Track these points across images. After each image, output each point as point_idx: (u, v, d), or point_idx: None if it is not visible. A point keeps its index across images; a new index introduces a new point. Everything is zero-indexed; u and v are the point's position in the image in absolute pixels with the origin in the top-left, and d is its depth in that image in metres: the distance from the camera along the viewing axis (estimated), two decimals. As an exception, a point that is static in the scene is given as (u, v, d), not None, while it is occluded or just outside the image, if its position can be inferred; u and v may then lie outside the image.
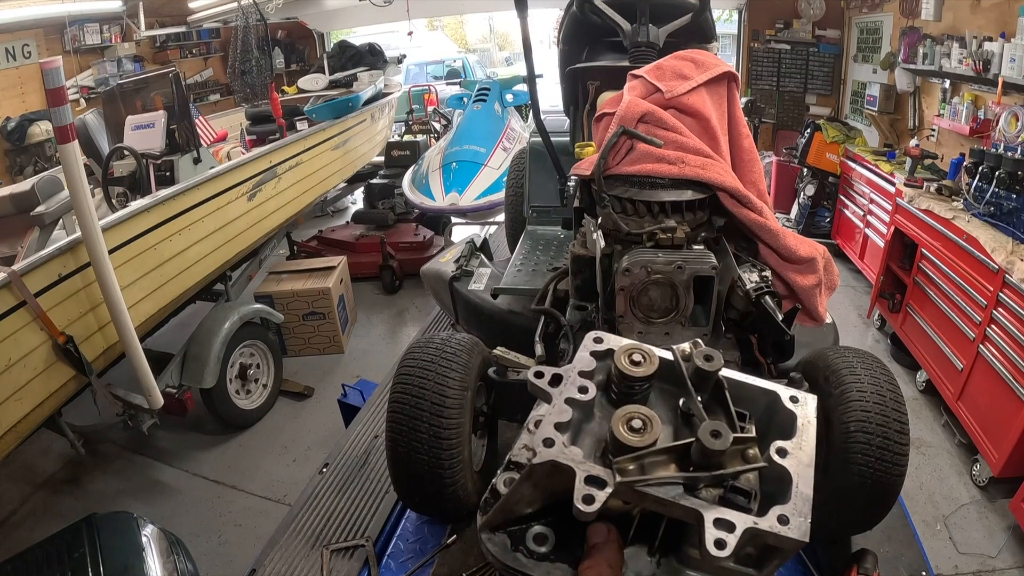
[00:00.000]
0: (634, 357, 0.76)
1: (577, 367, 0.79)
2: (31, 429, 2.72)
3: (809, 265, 1.54)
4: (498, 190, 5.09)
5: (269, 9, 5.89)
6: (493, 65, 19.76)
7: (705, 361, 0.75)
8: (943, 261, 3.57)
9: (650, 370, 0.76)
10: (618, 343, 0.81)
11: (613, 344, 0.80)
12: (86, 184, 2.52)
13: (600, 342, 0.81)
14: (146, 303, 3.18)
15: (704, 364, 0.75)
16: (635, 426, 0.69)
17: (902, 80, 5.14)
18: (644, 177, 1.45)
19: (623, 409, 0.71)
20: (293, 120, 5.50)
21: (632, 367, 0.76)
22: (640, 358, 0.76)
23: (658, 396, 0.80)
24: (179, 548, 1.87)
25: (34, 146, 5.56)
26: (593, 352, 0.80)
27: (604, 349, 0.80)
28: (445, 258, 2.65)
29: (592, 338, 0.82)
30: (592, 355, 0.80)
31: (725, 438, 0.66)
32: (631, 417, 0.70)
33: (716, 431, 0.66)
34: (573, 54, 2.14)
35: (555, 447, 0.69)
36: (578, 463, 0.68)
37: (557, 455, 0.68)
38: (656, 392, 0.80)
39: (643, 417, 0.69)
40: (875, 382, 1.35)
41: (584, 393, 0.76)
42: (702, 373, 0.75)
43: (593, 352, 0.80)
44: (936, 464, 3.29)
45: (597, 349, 0.81)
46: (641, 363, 0.76)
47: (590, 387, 0.76)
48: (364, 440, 2.11)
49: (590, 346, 0.81)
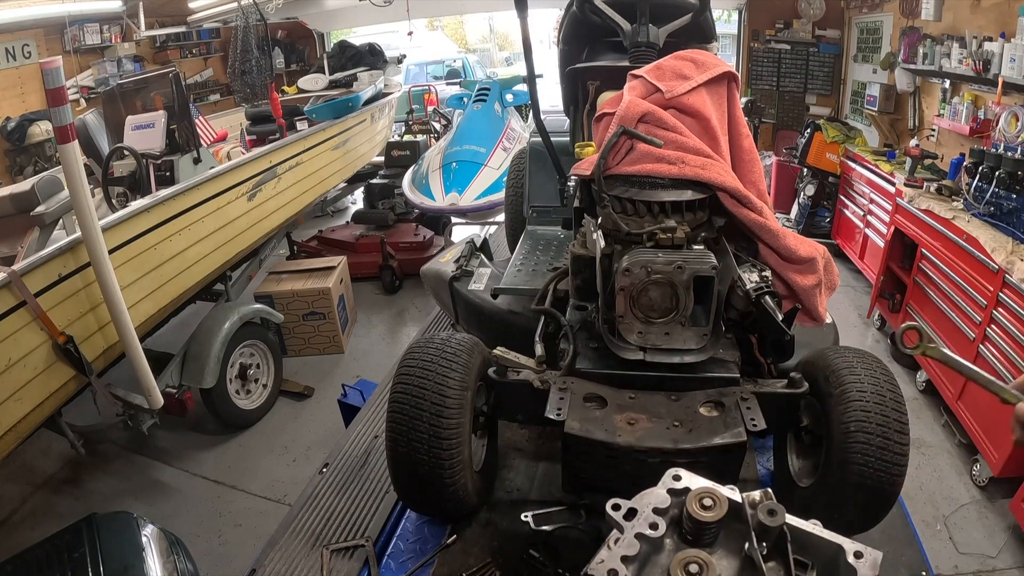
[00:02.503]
0: (704, 501, 0.82)
1: (653, 503, 0.85)
2: (31, 429, 2.72)
3: (809, 265, 1.55)
4: (498, 190, 5.08)
5: (269, 9, 5.89)
6: (493, 65, 19.75)
7: (768, 516, 0.80)
8: (943, 261, 3.57)
9: (719, 515, 0.81)
10: (696, 483, 0.87)
11: (690, 484, 0.87)
12: (86, 184, 2.52)
13: (678, 479, 0.88)
14: (146, 303, 3.18)
15: (766, 519, 0.80)
16: (691, 571, 0.75)
17: (902, 80, 5.14)
18: (644, 177, 1.46)
19: (683, 553, 0.78)
20: (293, 120, 5.50)
21: (702, 511, 0.82)
22: (710, 502, 0.82)
23: (728, 535, 0.85)
24: (179, 548, 1.87)
25: (34, 146, 5.55)
26: (670, 489, 0.87)
27: (681, 488, 0.87)
28: (445, 258, 2.65)
29: (671, 475, 0.88)
30: (668, 492, 0.86)
31: None
32: (689, 561, 0.76)
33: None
34: (573, 54, 2.14)
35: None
36: None
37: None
38: (727, 531, 0.85)
39: (701, 563, 0.76)
40: (875, 382, 1.35)
41: (655, 529, 0.82)
42: (764, 527, 0.80)
43: (670, 489, 0.87)
44: (936, 464, 3.29)
45: (674, 487, 0.87)
46: (711, 507, 0.82)
47: (660, 524, 0.83)
48: (364, 440, 2.11)
49: (668, 483, 0.87)
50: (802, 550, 0.81)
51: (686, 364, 1.40)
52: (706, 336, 1.39)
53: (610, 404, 1.39)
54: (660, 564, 0.82)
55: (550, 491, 1.69)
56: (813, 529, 0.82)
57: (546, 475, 1.76)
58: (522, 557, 1.45)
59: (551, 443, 1.83)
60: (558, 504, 1.59)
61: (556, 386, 1.45)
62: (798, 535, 0.82)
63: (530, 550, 1.46)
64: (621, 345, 1.41)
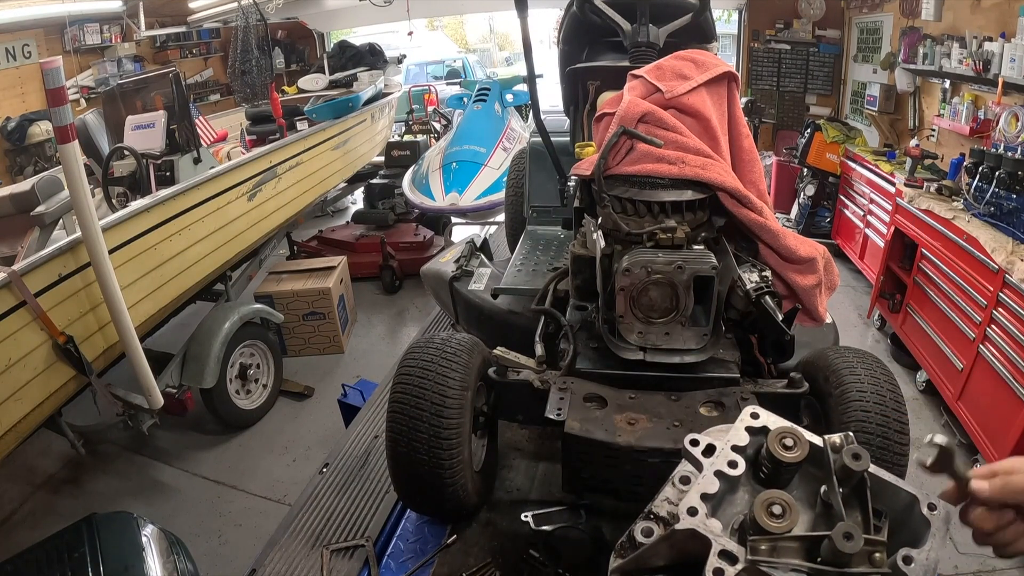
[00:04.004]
0: (786, 441, 0.80)
1: (732, 441, 0.83)
2: (31, 429, 2.72)
3: (809, 265, 1.55)
4: (498, 190, 5.08)
5: (269, 9, 5.89)
6: (493, 65, 19.77)
7: (853, 460, 0.77)
8: (943, 261, 3.57)
9: (800, 456, 0.79)
10: (775, 423, 0.84)
11: (769, 423, 0.84)
12: (86, 184, 2.52)
13: (756, 418, 0.85)
14: (146, 303, 3.18)
15: (852, 463, 0.77)
16: (775, 511, 0.73)
17: (902, 80, 5.14)
18: (644, 177, 1.45)
19: (767, 493, 0.75)
20: (293, 120, 5.50)
21: (783, 451, 0.79)
22: (792, 443, 0.80)
23: (803, 479, 0.83)
24: (179, 548, 1.87)
25: (34, 146, 5.56)
26: (748, 428, 0.84)
27: (759, 426, 0.84)
28: (445, 258, 2.65)
29: (750, 413, 0.86)
30: (747, 430, 0.84)
31: (856, 542, 0.69)
32: (773, 502, 0.74)
33: (849, 533, 0.69)
34: (573, 54, 2.14)
35: (698, 517, 0.75)
36: (716, 536, 0.73)
37: (698, 525, 0.74)
38: (801, 474, 0.83)
39: (784, 503, 0.74)
40: (875, 382, 1.36)
41: (734, 468, 0.80)
42: (848, 470, 0.77)
43: (748, 428, 0.84)
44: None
45: (753, 425, 0.84)
46: (792, 448, 0.80)
47: (740, 462, 0.81)
48: (364, 440, 2.11)
49: (747, 421, 0.85)
50: (876, 498, 0.79)
51: (686, 364, 1.40)
52: (706, 336, 1.39)
53: (610, 404, 1.39)
54: (736, 503, 0.81)
55: (550, 491, 1.69)
56: (891, 478, 0.80)
57: (546, 475, 1.76)
58: (522, 557, 1.45)
59: (551, 443, 1.83)
60: (558, 504, 1.59)
61: (556, 386, 1.45)
62: (876, 483, 0.80)
63: (530, 550, 1.46)
64: (621, 345, 1.41)
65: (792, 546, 0.73)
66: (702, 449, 0.83)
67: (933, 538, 0.75)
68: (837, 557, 0.70)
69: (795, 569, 0.72)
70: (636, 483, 1.30)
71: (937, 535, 0.76)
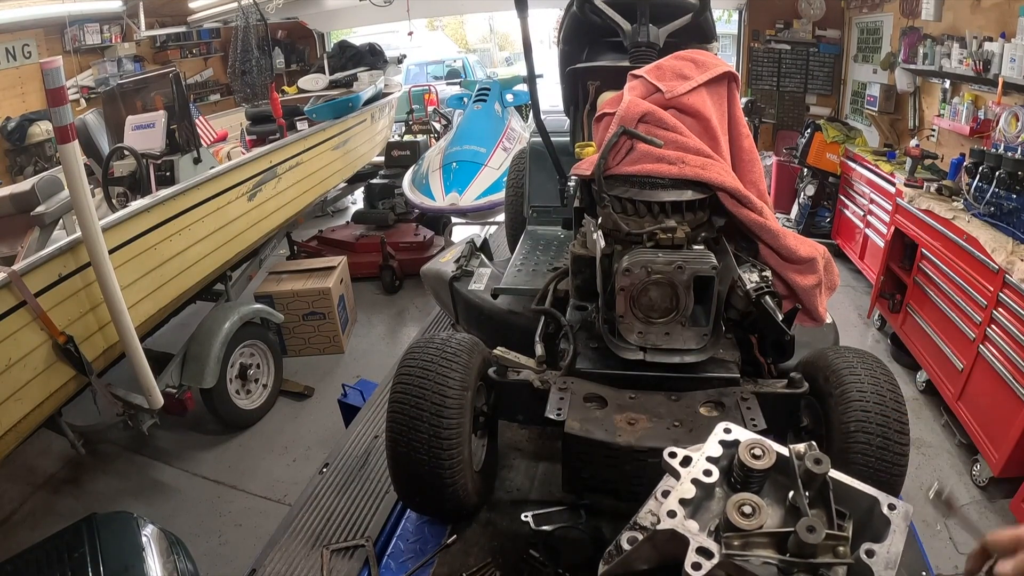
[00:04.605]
0: (755, 451, 0.89)
1: (706, 452, 0.92)
2: (31, 429, 2.72)
3: (809, 265, 1.55)
4: (498, 190, 5.08)
5: (269, 9, 5.89)
6: (493, 65, 19.76)
7: (815, 464, 0.85)
8: (943, 261, 3.57)
9: (768, 464, 0.87)
10: (744, 436, 0.93)
11: (739, 436, 0.93)
12: (86, 184, 2.52)
13: (728, 432, 0.94)
14: (146, 303, 3.18)
15: (813, 467, 0.85)
16: (746, 511, 0.82)
17: (902, 80, 5.14)
18: (644, 177, 1.45)
19: (738, 495, 0.84)
20: (293, 120, 5.50)
21: (753, 460, 0.88)
22: (760, 452, 0.89)
23: (772, 486, 0.91)
24: (179, 548, 1.87)
25: (34, 146, 5.56)
26: (721, 441, 0.94)
27: (731, 440, 0.93)
28: (445, 258, 2.65)
29: (723, 428, 0.95)
30: (720, 443, 0.93)
31: (818, 534, 0.77)
32: (743, 503, 0.82)
33: (811, 527, 0.77)
34: (573, 54, 2.14)
35: (676, 519, 0.84)
36: (693, 535, 0.82)
37: (677, 525, 0.83)
38: (771, 482, 0.91)
39: (754, 504, 0.82)
40: (875, 382, 1.36)
41: (708, 476, 0.90)
42: (811, 474, 0.86)
43: (721, 441, 0.94)
44: (936, 464, 3.29)
45: (725, 439, 0.94)
46: (761, 457, 0.88)
47: (714, 471, 0.90)
48: (364, 440, 2.11)
49: (720, 435, 0.94)
50: (840, 501, 0.86)
51: (686, 364, 1.40)
52: (706, 336, 1.39)
53: (610, 404, 1.39)
54: (711, 508, 0.89)
55: (550, 491, 1.69)
56: (851, 482, 0.88)
57: (546, 475, 1.76)
58: (522, 557, 1.45)
59: (551, 443, 1.83)
60: (558, 504, 1.59)
61: (556, 386, 1.45)
62: (838, 486, 0.87)
63: (530, 550, 1.46)
64: (621, 345, 1.41)
65: (762, 541, 0.81)
66: (680, 460, 0.92)
67: (893, 534, 0.82)
68: (803, 549, 0.78)
69: (766, 561, 0.79)
70: (636, 483, 1.30)
71: (897, 531, 0.82)
